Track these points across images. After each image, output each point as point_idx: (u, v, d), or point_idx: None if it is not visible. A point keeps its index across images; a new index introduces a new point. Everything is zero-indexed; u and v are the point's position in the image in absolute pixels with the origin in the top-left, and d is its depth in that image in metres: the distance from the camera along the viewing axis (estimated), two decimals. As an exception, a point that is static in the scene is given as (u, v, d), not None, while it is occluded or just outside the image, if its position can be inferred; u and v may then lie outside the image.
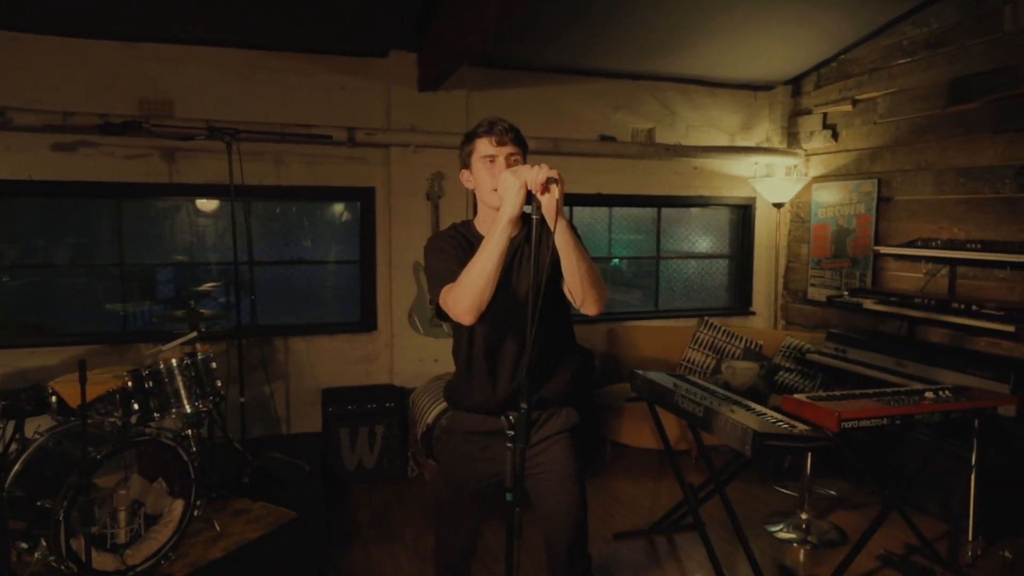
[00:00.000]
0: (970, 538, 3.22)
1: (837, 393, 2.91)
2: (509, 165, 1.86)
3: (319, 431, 4.39)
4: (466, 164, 1.96)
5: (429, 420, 3.85)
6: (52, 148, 3.89)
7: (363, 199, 4.53)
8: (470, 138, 1.94)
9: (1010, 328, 3.26)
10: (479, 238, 1.97)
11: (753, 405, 2.88)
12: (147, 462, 2.96)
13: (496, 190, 1.83)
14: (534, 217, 1.71)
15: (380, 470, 4.10)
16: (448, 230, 2.09)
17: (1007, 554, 3.24)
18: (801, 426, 2.64)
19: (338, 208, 4.71)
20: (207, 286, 3.97)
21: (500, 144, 1.87)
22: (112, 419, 2.91)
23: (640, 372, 3.38)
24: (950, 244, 3.92)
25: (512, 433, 1.74)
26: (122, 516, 2.61)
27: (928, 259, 4.10)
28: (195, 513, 2.90)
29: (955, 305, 3.68)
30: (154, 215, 4.30)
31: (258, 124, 3.94)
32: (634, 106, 5.03)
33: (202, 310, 3.41)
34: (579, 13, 3.95)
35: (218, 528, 3.10)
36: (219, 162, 4.09)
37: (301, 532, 3.18)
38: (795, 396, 2.83)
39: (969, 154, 3.90)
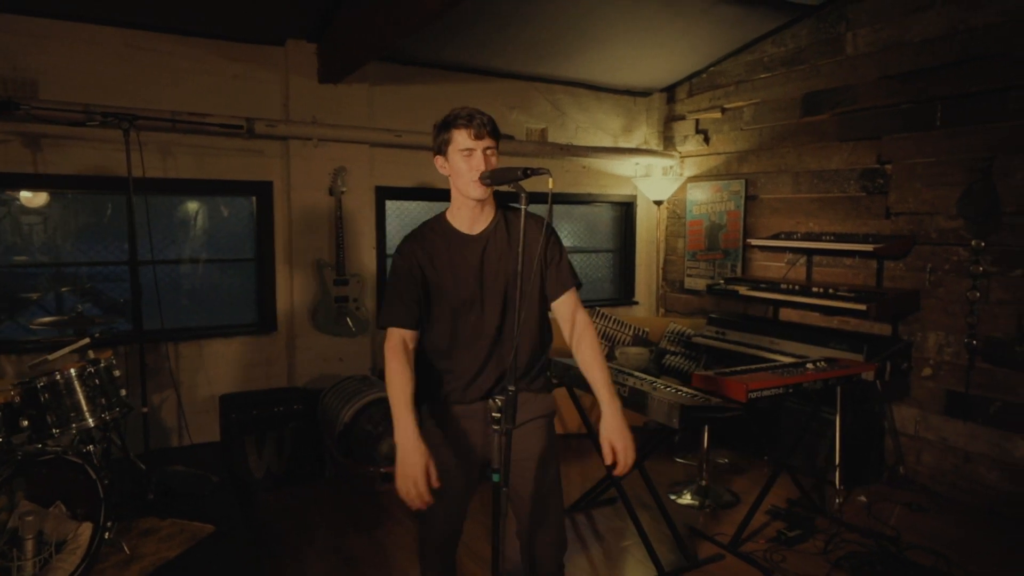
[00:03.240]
0: (838, 487, 3.76)
1: (738, 369, 3.27)
2: (486, 159, 1.92)
3: (217, 440, 4.13)
4: (441, 151, 1.96)
5: (347, 419, 3.78)
6: None
7: (260, 194, 4.30)
8: (447, 126, 1.93)
9: (862, 307, 3.84)
10: (452, 231, 2.01)
11: (670, 383, 3.15)
12: (40, 484, 2.64)
13: (476, 181, 1.89)
14: (522, 207, 1.80)
15: (292, 474, 3.94)
16: (415, 235, 2.06)
17: (863, 498, 3.82)
18: (715, 399, 2.95)
19: (191, 207, 4.43)
20: (65, 289, 3.59)
21: (478, 138, 1.91)
22: (-3, 439, 2.57)
23: (559, 360, 3.55)
24: (807, 236, 4.51)
25: (499, 416, 1.81)
26: (29, 545, 2.32)
27: (789, 250, 4.69)
28: (107, 536, 2.63)
29: (815, 289, 4.25)
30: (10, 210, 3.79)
31: (144, 111, 3.62)
32: (528, 107, 5.23)
33: (93, 315, 3.09)
34: (480, 12, 4.04)
35: (127, 551, 2.84)
36: (97, 152, 3.74)
37: (223, 545, 3.00)
38: (704, 372, 3.15)
39: (821, 159, 4.51)
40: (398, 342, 1.95)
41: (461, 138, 1.92)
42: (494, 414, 1.81)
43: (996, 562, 3.15)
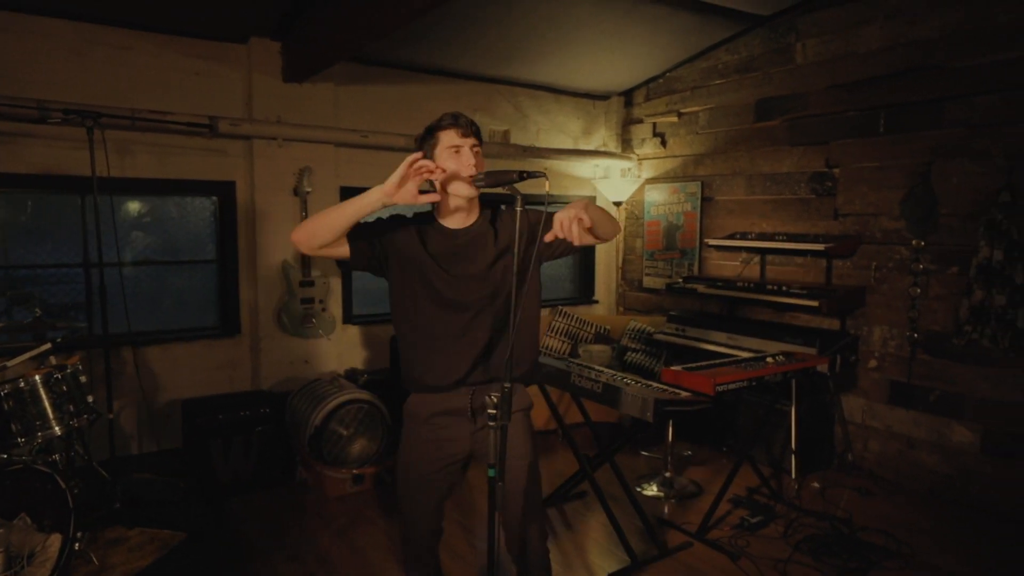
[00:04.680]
0: (793, 475, 3.96)
1: (704, 364, 3.41)
2: (474, 155, 1.97)
3: (178, 446, 4.04)
4: (427, 156, 1.99)
5: (317, 422, 3.75)
6: None
7: (222, 194, 4.22)
8: (432, 131, 1.97)
9: (815, 303, 4.05)
10: (439, 227, 2.06)
11: (639, 379, 3.26)
12: (2, 496, 2.54)
13: (467, 179, 1.94)
14: (517, 209, 1.86)
15: (260, 479, 3.88)
16: (409, 219, 2.12)
17: (816, 484, 4.04)
18: (684, 393, 3.07)
19: (152, 207, 4.32)
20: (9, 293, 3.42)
21: (465, 136, 1.96)
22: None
23: None
24: (761, 236, 4.72)
25: (495, 412, 1.86)
26: (0, 559, 2.24)
27: (744, 249, 4.89)
28: (76, 547, 2.55)
29: (770, 287, 4.45)
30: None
31: (105, 108, 3.49)
32: (491, 109, 5.28)
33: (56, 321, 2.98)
34: (445, 15, 4.05)
35: (96, 562, 2.76)
36: (50, 150, 3.61)
37: (196, 552, 2.95)
38: (673, 368, 3.28)
39: (773, 162, 4.73)
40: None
41: (448, 137, 1.96)
42: (490, 410, 1.86)
43: (938, 539, 3.38)
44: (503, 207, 2.16)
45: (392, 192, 1.81)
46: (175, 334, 4.17)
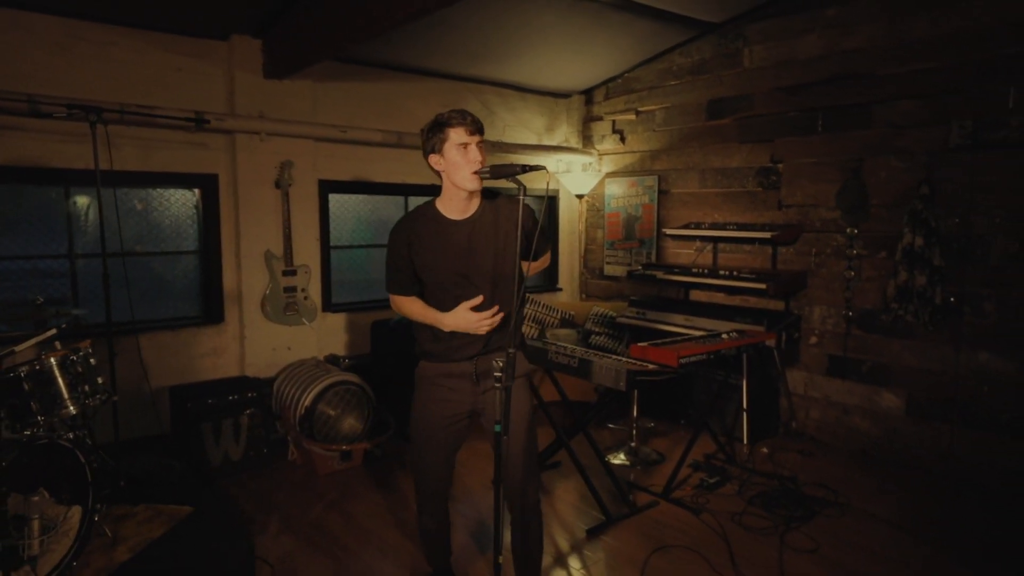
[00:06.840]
0: (745, 442, 4.38)
1: (667, 340, 3.76)
2: (480, 151, 2.23)
3: (166, 432, 4.16)
4: (436, 149, 2.23)
5: (307, 403, 3.94)
6: None
7: (205, 187, 4.34)
8: (441, 126, 2.20)
9: (763, 286, 4.47)
10: (440, 217, 2.32)
11: (609, 355, 3.59)
12: (20, 472, 2.67)
13: (474, 174, 2.20)
14: (520, 198, 2.14)
15: (249, 461, 4.04)
16: (407, 218, 2.37)
17: (765, 449, 4.47)
18: (651, 365, 3.42)
19: (129, 199, 4.42)
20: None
21: (472, 134, 2.22)
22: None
23: (532, 343, 3.90)
24: (714, 226, 5.12)
25: (500, 375, 2.14)
26: (36, 525, 2.39)
27: (699, 238, 5.30)
28: (96, 518, 2.71)
29: (722, 272, 4.86)
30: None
31: (91, 102, 3.59)
32: (460, 105, 5.49)
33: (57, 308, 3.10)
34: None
35: (109, 534, 2.91)
36: (33, 142, 3.69)
37: (204, 524, 3.13)
38: (639, 344, 3.62)
39: (724, 158, 5.14)
40: (405, 296, 2.36)
41: (457, 135, 2.21)
42: (496, 373, 2.14)
43: (869, 492, 3.84)
44: (501, 196, 2.43)
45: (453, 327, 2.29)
46: (160, 323, 4.27)
